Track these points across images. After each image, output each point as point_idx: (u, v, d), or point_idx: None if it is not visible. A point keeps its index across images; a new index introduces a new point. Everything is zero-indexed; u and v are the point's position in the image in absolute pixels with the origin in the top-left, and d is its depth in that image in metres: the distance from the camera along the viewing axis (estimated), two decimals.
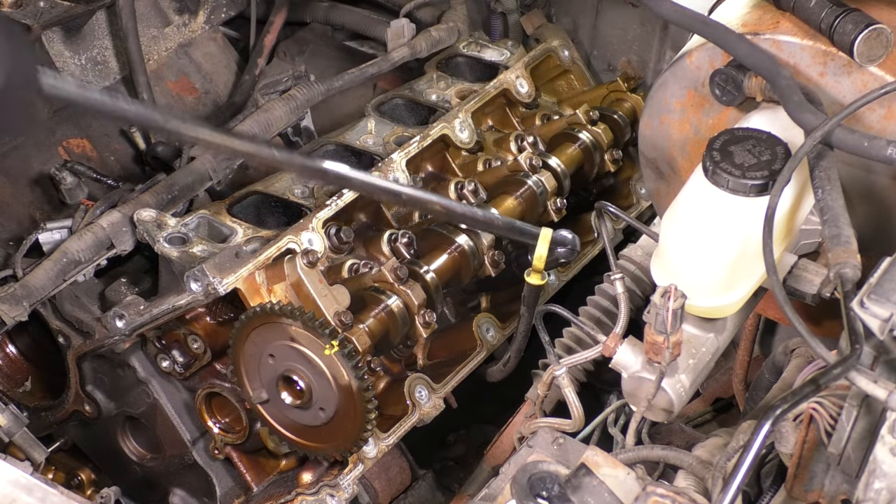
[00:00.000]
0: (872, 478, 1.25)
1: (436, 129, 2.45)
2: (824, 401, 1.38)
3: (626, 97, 2.78)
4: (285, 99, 2.57)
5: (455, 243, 2.32)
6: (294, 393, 2.06)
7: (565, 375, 1.99)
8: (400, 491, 2.44)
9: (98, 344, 2.22)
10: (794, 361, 1.83)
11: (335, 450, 2.10)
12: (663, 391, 1.76)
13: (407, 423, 2.23)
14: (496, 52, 2.79)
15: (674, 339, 1.64)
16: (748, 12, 1.86)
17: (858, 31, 1.66)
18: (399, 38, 2.76)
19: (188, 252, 2.13)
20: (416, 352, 2.33)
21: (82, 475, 2.48)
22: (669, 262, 1.74)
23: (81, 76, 2.69)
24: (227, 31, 3.02)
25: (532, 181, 2.50)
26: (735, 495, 1.25)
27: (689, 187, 1.71)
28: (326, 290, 2.10)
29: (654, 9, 1.90)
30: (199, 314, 2.21)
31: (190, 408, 2.27)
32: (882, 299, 1.33)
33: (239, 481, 2.30)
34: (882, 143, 1.54)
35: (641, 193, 2.77)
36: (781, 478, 1.53)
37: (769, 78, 1.72)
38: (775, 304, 1.48)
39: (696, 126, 1.94)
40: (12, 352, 2.46)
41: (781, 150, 1.64)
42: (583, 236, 2.67)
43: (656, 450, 1.73)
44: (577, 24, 2.91)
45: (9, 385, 2.44)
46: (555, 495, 1.31)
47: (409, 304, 2.20)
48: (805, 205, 1.73)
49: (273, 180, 2.36)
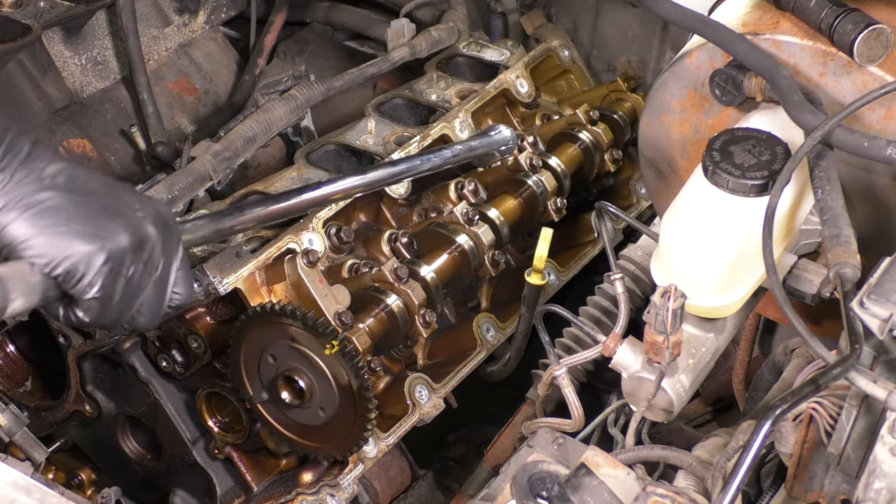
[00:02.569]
0: (872, 478, 1.26)
1: (436, 129, 2.45)
2: (824, 401, 1.38)
3: (626, 97, 2.78)
4: (285, 99, 2.56)
5: (455, 243, 2.32)
6: (294, 393, 2.06)
7: (565, 375, 1.99)
8: (400, 491, 2.44)
9: (98, 344, 2.22)
10: (794, 361, 1.83)
11: (335, 449, 2.10)
12: (663, 391, 1.76)
13: (407, 422, 2.23)
14: (496, 52, 2.79)
15: (674, 339, 1.64)
16: (748, 12, 1.86)
17: (858, 31, 1.66)
18: (399, 38, 2.76)
19: (188, 252, 2.13)
20: (416, 352, 2.33)
21: (82, 475, 2.48)
22: (669, 262, 1.74)
23: (81, 76, 2.69)
24: (227, 31, 3.02)
25: (532, 181, 2.50)
26: (735, 495, 1.25)
27: (689, 187, 1.71)
28: (327, 289, 2.11)
29: (654, 9, 1.90)
30: (199, 314, 2.21)
31: (190, 407, 2.27)
32: (882, 299, 1.33)
33: (239, 481, 2.30)
34: (882, 143, 1.54)
35: (641, 193, 2.77)
36: (781, 478, 1.53)
37: (769, 78, 1.72)
38: (775, 304, 1.48)
39: (696, 126, 1.94)
40: (12, 352, 2.46)
41: (781, 150, 1.64)
42: (583, 236, 2.68)
43: (656, 450, 1.73)
44: (577, 24, 2.91)
45: (9, 385, 2.44)
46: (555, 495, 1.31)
47: (409, 304, 2.21)
48: (805, 205, 1.73)
49: (273, 180, 2.36)
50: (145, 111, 2.67)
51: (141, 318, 1.40)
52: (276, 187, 2.34)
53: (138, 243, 1.33)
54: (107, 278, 1.30)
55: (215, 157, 2.39)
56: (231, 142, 2.44)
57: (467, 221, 2.35)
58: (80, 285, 1.30)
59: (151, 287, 1.37)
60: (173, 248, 1.39)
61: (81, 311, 1.33)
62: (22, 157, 1.29)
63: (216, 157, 2.39)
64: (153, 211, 1.37)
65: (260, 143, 2.51)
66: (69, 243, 1.28)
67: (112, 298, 1.32)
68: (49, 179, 1.29)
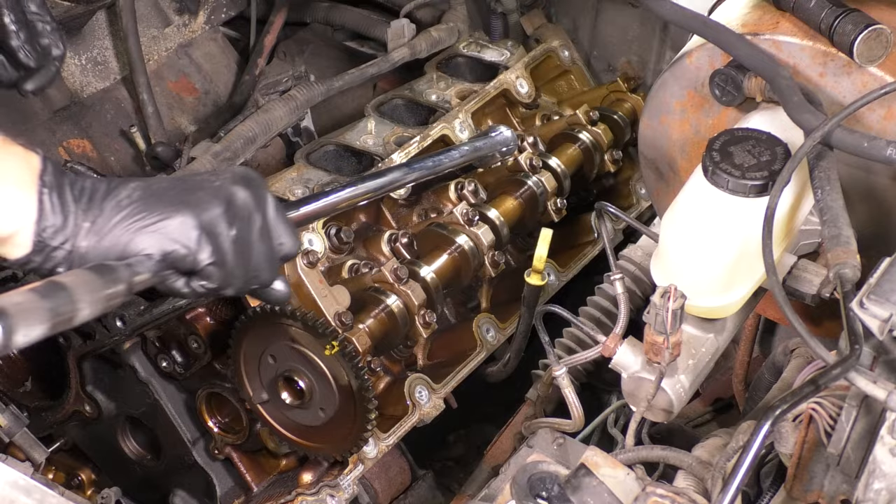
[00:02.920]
0: (872, 478, 1.25)
1: (436, 130, 2.45)
2: (824, 401, 1.38)
3: (626, 97, 2.78)
4: (285, 99, 2.56)
5: (455, 243, 2.32)
6: (294, 393, 2.06)
7: (565, 376, 1.99)
8: (400, 491, 2.44)
9: (98, 344, 2.22)
10: (794, 361, 1.83)
11: (335, 450, 2.10)
12: (663, 391, 1.76)
13: (407, 423, 2.23)
14: (496, 52, 2.79)
15: (673, 339, 1.64)
16: (748, 12, 1.86)
17: (858, 32, 1.66)
18: (399, 38, 2.76)
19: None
20: (416, 352, 2.33)
21: (82, 475, 2.48)
22: (669, 263, 1.74)
23: (81, 76, 2.69)
24: (227, 31, 3.02)
25: (532, 181, 2.50)
26: (735, 495, 1.25)
27: (689, 188, 1.71)
28: (327, 290, 2.11)
29: (654, 9, 1.90)
30: (199, 314, 2.21)
31: (190, 408, 2.27)
32: (882, 299, 1.33)
33: (239, 481, 2.30)
34: (882, 144, 1.54)
35: (641, 193, 2.77)
36: (781, 478, 1.53)
37: (769, 78, 1.72)
38: (775, 305, 1.48)
39: (696, 126, 1.94)
40: (12, 352, 2.46)
41: (781, 151, 1.64)
42: (583, 236, 2.68)
43: (656, 450, 1.73)
44: (577, 24, 2.91)
45: (9, 385, 2.44)
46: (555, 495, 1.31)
47: (409, 305, 2.21)
48: (805, 205, 1.73)
49: (273, 181, 2.36)
50: (145, 111, 2.67)
51: (262, 273, 1.47)
52: (275, 188, 2.35)
53: (227, 204, 1.40)
54: (212, 243, 1.39)
55: (215, 158, 2.39)
56: (231, 142, 2.44)
57: (467, 222, 2.35)
58: (189, 258, 1.39)
59: (259, 240, 1.44)
60: (263, 198, 1.45)
61: (204, 280, 1.42)
62: (100, 196, 1.38)
63: (216, 158, 2.39)
64: (230, 174, 1.45)
65: (260, 143, 2.51)
66: (162, 225, 1.37)
67: (226, 260, 1.40)
68: (127, 199, 1.39)
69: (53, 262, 1.36)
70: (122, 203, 1.38)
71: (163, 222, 1.37)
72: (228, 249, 1.40)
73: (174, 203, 1.39)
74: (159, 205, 1.38)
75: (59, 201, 1.35)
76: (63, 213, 1.35)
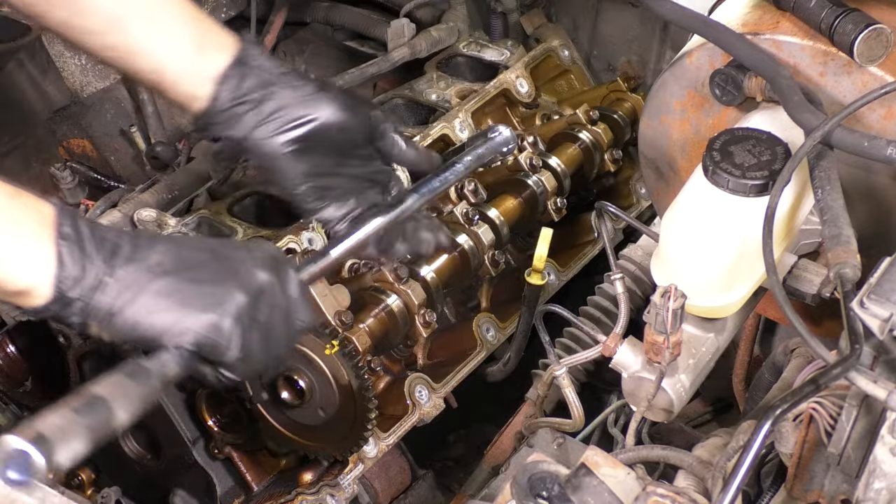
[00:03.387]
0: (872, 478, 1.25)
1: (436, 129, 2.45)
2: (824, 401, 1.38)
3: (626, 97, 2.78)
4: None
5: (455, 243, 2.32)
6: (294, 393, 2.06)
7: (565, 375, 1.99)
8: (400, 491, 2.44)
9: (98, 344, 2.21)
10: (794, 361, 1.83)
11: (335, 450, 2.10)
12: (663, 391, 1.76)
13: (407, 422, 2.23)
14: (496, 52, 2.79)
15: (674, 339, 1.64)
16: (748, 12, 1.86)
17: (858, 32, 1.66)
18: (399, 38, 2.76)
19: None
20: (416, 351, 2.33)
21: (82, 475, 2.48)
22: (669, 262, 1.74)
23: (81, 76, 2.69)
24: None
25: (532, 181, 2.50)
26: (735, 495, 1.25)
27: (689, 187, 1.71)
28: (327, 289, 2.10)
29: (654, 9, 1.90)
30: None
31: (190, 407, 2.27)
32: (882, 299, 1.33)
33: (239, 481, 2.30)
34: (882, 143, 1.54)
35: (641, 193, 2.76)
36: (781, 478, 1.53)
37: (769, 78, 1.72)
38: (775, 304, 1.48)
39: (696, 126, 1.94)
40: (12, 352, 2.46)
41: (781, 150, 1.64)
42: (583, 236, 2.68)
43: (656, 450, 1.73)
44: (577, 24, 2.91)
45: (9, 385, 2.43)
46: (555, 495, 1.31)
47: (409, 304, 2.21)
48: (805, 205, 1.73)
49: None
50: (145, 111, 2.67)
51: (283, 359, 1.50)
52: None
53: (257, 294, 1.39)
54: (240, 337, 1.38)
55: (215, 157, 2.39)
56: None
57: (467, 221, 2.35)
58: (217, 353, 1.38)
59: (282, 325, 1.44)
60: (287, 280, 1.45)
61: (228, 371, 1.42)
62: (126, 253, 1.36)
63: (216, 157, 2.39)
64: (260, 256, 1.44)
65: None
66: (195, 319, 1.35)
67: (252, 351, 1.40)
68: (159, 267, 1.36)
69: (72, 311, 1.34)
70: (154, 270, 1.35)
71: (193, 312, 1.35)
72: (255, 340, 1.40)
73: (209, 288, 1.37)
74: (193, 285, 1.36)
75: (80, 253, 1.32)
76: (83, 265, 1.32)
